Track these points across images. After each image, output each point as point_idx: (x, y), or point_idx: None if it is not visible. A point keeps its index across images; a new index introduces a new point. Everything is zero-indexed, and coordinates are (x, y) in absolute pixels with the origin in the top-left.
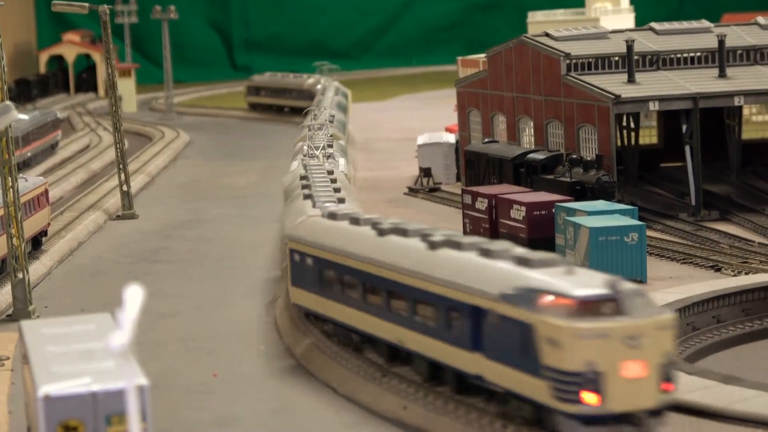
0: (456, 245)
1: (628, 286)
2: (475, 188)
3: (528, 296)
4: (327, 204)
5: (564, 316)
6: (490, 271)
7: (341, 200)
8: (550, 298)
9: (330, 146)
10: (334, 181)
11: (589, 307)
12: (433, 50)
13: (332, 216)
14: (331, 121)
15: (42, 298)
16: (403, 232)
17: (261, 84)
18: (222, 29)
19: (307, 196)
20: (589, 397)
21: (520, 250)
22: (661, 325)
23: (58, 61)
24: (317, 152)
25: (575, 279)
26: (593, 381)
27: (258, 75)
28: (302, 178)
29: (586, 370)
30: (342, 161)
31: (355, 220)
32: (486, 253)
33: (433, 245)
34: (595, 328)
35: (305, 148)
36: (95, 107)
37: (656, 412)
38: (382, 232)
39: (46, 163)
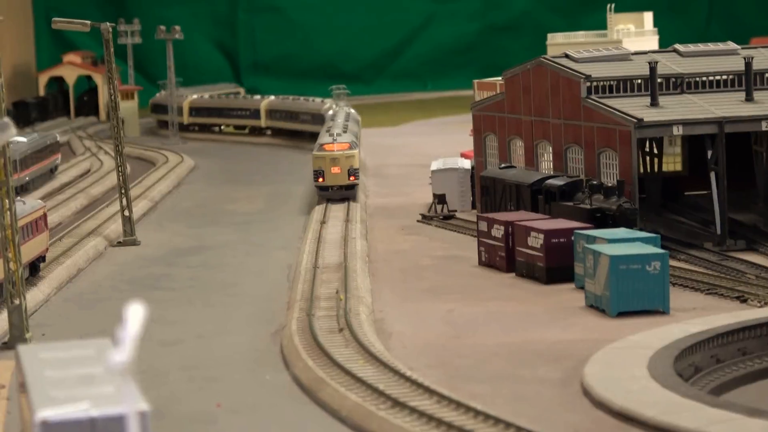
0: None
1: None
2: (491, 215)
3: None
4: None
5: (315, 149)
6: None
7: (345, 130)
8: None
9: (347, 106)
10: (347, 120)
11: (323, 147)
12: (449, 74)
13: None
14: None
15: (39, 325)
16: None
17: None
18: (228, 51)
19: (327, 129)
20: (320, 180)
21: None
22: (347, 155)
23: (58, 82)
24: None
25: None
26: (321, 173)
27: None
28: (332, 113)
29: (317, 169)
30: (353, 110)
31: None
32: None
33: None
34: (318, 154)
35: (334, 106)
36: (96, 131)
37: (347, 187)
38: None
39: (44, 187)
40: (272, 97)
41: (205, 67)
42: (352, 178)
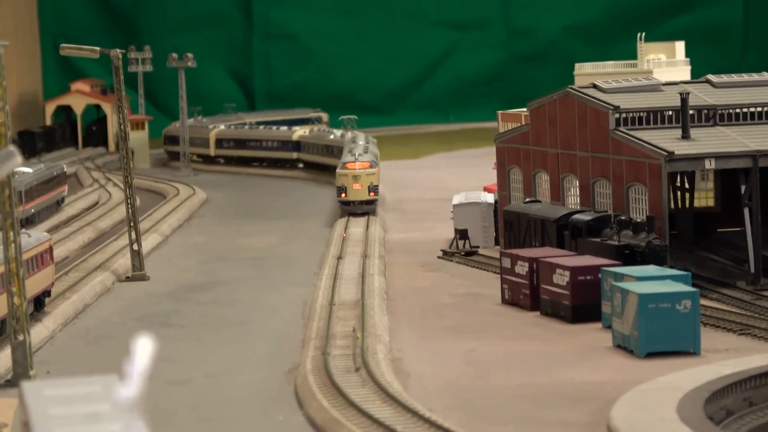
0: None
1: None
2: (514, 251)
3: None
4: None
5: (339, 168)
6: None
7: (365, 151)
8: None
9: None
10: (367, 142)
11: (345, 165)
12: (472, 105)
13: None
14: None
15: (44, 362)
16: None
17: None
18: (243, 79)
19: (349, 151)
20: (342, 195)
21: None
22: (368, 173)
23: (65, 112)
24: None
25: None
26: (344, 189)
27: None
28: (351, 137)
29: (340, 186)
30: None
31: None
32: None
33: None
34: (341, 172)
35: (351, 131)
36: (105, 162)
37: (367, 202)
38: None
39: (50, 220)
40: (222, 126)
41: (219, 97)
42: (372, 194)
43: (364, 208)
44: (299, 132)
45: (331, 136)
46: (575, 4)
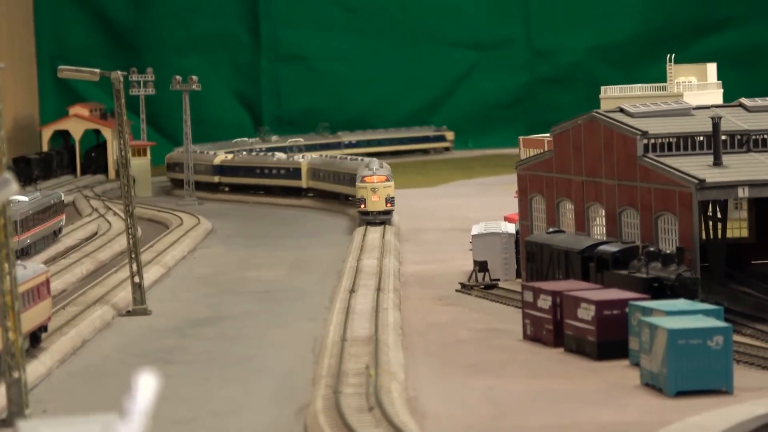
0: None
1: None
2: (537, 284)
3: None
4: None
5: (358, 181)
6: None
7: (381, 166)
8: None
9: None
10: (381, 165)
11: (364, 179)
12: (492, 130)
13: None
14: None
15: (40, 401)
16: None
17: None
18: (250, 104)
19: (366, 166)
20: (362, 206)
21: None
22: (385, 186)
23: (63, 137)
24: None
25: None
26: (363, 201)
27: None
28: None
29: (360, 197)
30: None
31: None
32: None
33: None
34: (360, 185)
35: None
36: (104, 190)
37: (384, 213)
38: None
39: (47, 251)
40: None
41: (224, 122)
42: (388, 204)
43: (382, 218)
44: (221, 157)
45: (275, 158)
46: (601, 24)
